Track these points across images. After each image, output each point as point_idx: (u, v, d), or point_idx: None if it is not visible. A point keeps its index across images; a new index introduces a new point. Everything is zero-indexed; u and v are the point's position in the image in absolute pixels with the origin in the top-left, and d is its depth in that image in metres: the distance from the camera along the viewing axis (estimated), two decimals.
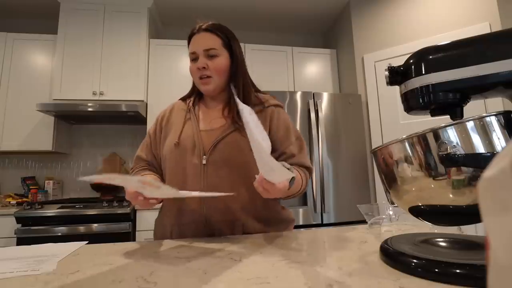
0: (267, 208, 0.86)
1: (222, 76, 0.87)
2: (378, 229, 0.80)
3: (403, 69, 0.57)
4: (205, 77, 0.85)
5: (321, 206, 2.20)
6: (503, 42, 0.49)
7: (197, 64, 0.84)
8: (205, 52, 0.84)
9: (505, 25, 1.93)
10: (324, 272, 0.47)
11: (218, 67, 0.85)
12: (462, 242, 0.53)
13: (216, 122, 0.88)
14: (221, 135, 0.83)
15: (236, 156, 0.82)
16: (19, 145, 2.35)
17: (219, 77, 0.86)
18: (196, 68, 0.85)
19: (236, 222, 0.81)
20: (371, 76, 2.52)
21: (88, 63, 2.45)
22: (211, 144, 0.82)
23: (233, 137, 0.83)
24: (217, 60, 0.85)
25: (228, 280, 0.45)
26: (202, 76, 0.85)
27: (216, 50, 0.85)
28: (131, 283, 0.45)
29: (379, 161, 0.54)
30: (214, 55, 0.85)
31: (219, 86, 0.88)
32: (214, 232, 0.80)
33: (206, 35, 0.85)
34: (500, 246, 0.16)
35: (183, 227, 0.82)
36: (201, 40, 0.85)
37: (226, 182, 0.80)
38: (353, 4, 2.71)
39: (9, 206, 2.18)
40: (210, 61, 0.84)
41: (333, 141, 2.32)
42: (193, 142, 0.84)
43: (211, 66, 0.84)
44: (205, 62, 0.84)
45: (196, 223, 0.81)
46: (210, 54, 0.84)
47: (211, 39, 0.85)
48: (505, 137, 0.43)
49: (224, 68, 0.86)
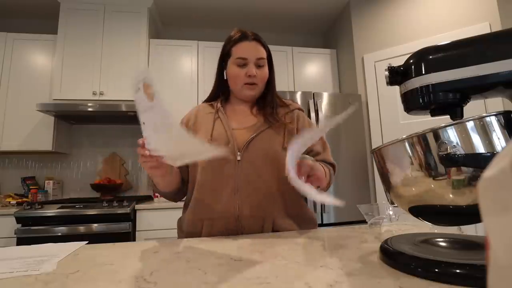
0: (296, 205, 0.89)
1: (264, 85, 0.94)
2: (378, 229, 0.80)
3: (403, 69, 0.57)
4: (251, 84, 0.90)
5: (321, 206, 2.21)
6: (503, 42, 0.49)
7: (248, 71, 0.89)
8: (256, 61, 0.90)
9: (505, 25, 1.93)
10: (324, 272, 0.47)
11: (264, 77, 0.92)
12: (462, 242, 0.53)
13: (247, 120, 0.93)
14: (256, 132, 0.88)
15: (270, 152, 0.86)
16: (19, 145, 2.35)
17: (262, 86, 0.94)
18: (246, 75, 0.89)
19: (267, 218, 0.83)
20: (371, 76, 2.52)
21: (88, 63, 2.45)
22: (246, 141, 0.86)
23: (267, 134, 0.88)
24: (264, 70, 0.92)
25: (228, 280, 0.45)
26: (250, 83, 0.90)
27: (264, 60, 0.92)
28: (131, 283, 0.45)
29: (379, 161, 0.54)
30: (262, 65, 0.91)
31: (260, 93, 0.95)
32: (244, 228, 0.82)
33: (258, 44, 0.91)
34: (500, 246, 0.16)
35: (215, 221, 0.83)
36: (254, 49, 0.90)
37: (260, 178, 0.84)
38: (353, 4, 2.71)
39: (9, 206, 2.18)
40: (259, 70, 0.90)
41: (333, 141, 2.32)
42: (226, 139, 0.87)
43: (259, 75, 0.90)
44: (255, 70, 0.89)
45: (227, 218, 0.82)
46: (259, 64, 0.91)
47: (261, 50, 0.91)
48: (505, 137, 0.43)
49: (267, 78, 0.94)
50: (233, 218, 0.82)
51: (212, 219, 0.83)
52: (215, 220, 0.83)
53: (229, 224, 0.82)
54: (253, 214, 0.82)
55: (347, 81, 2.82)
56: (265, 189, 0.84)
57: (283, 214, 0.85)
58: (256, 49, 0.91)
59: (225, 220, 0.82)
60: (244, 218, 0.82)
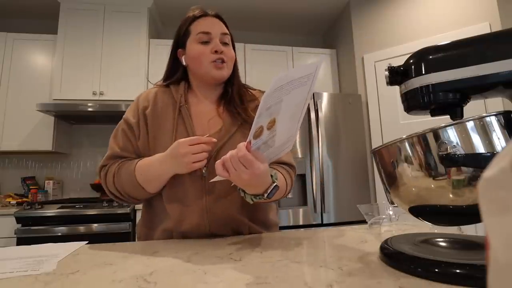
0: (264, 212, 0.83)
1: (231, 66, 0.81)
2: (378, 229, 0.80)
3: (403, 69, 0.57)
4: (220, 61, 0.77)
5: (321, 206, 2.21)
6: (503, 42, 0.49)
7: (215, 46, 0.76)
8: (221, 36, 0.78)
9: (505, 25, 1.93)
10: (324, 272, 0.47)
11: (232, 56, 0.81)
12: (462, 242, 0.53)
13: (213, 123, 0.79)
14: (223, 139, 0.75)
15: None
16: (19, 145, 2.35)
17: (231, 66, 0.81)
18: (212, 51, 0.76)
19: (240, 228, 0.78)
20: (371, 76, 2.52)
21: (88, 63, 2.45)
22: (211, 154, 0.72)
23: (234, 141, 0.73)
24: (231, 49, 0.81)
25: (228, 280, 0.45)
26: (218, 60, 0.77)
27: (229, 37, 0.81)
28: (131, 283, 0.45)
29: (379, 161, 0.54)
30: (228, 43, 0.80)
31: (228, 74, 0.81)
32: None
33: (220, 22, 0.81)
34: (500, 246, 0.16)
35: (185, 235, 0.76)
36: (216, 24, 0.79)
37: (231, 195, 0.74)
38: (353, 4, 2.71)
39: (9, 206, 2.18)
40: (225, 48, 0.79)
41: (333, 141, 2.32)
42: None
43: (227, 53, 0.78)
44: (221, 46, 0.77)
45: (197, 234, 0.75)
46: (225, 40, 0.79)
47: (225, 27, 0.81)
48: (505, 137, 0.43)
49: (234, 59, 0.81)
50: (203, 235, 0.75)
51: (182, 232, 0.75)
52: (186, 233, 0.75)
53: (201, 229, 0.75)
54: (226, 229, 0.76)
55: (347, 81, 2.82)
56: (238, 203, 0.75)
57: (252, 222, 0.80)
58: (219, 24, 0.80)
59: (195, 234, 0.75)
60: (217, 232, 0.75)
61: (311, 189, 2.22)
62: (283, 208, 2.17)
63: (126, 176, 0.74)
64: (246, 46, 2.82)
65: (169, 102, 0.81)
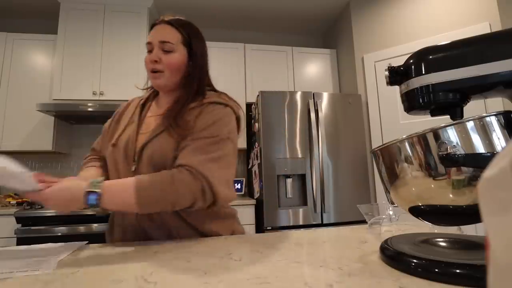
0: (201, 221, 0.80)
1: (175, 73, 0.81)
2: (378, 229, 0.80)
3: (403, 69, 0.57)
4: (156, 71, 0.79)
5: (321, 206, 2.20)
6: (503, 42, 0.49)
7: (150, 56, 0.79)
8: (160, 44, 0.79)
9: (505, 25, 1.93)
10: (324, 272, 0.47)
11: (172, 63, 0.79)
12: (462, 242, 0.53)
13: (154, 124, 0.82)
14: (149, 137, 0.77)
15: (159, 161, 0.74)
16: (19, 145, 2.35)
17: (171, 74, 0.80)
18: (149, 60, 0.80)
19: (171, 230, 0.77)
20: (371, 76, 2.52)
21: (88, 63, 2.45)
22: (138, 150, 0.76)
23: (161, 138, 0.76)
24: (171, 56, 0.79)
25: (228, 280, 0.45)
26: (154, 70, 0.79)
27: (172, 45, 0.79)
28: (131, 283, 0.45)
29: (379, 161, 0.54)
30: (169, 50, 0.79)
31: (171, 82, 0.82)
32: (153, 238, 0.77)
33: (166, 27, 0.81)
34: (500, 246, 0.16)
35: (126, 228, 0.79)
36: (159, 32, 0.80)
37: None
38: (353, 4, 2.71)
39: (9, 206, 2.18)
40: (165, 56, 0.79)
41: (333, 141, 2.32)
42: (126, 145, 0.78)
43: (164, 61, 0.79)
44: (158, 55, 0.79)
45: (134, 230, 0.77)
46: (165, 48, 0.79)
47: (170, 33, 0.80)
48: (505, 137, 0.43)
49: (178, 66, 0.80)
50: (140, 230, 0.77)
51: (122, 225, 0.79)
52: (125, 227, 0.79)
53: (138, 233, 0.77)
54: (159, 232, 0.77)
55: (347, 81, 2.82)
56: None
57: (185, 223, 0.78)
58: (162, 31, 0.80)
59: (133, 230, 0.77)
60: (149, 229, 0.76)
61: (311, 189, 2.22)
62: (283, 208, 2.17)
63: None
64: (246, 46, 2.82)
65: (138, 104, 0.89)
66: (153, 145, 0.75)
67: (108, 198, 0.64)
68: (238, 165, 2.97)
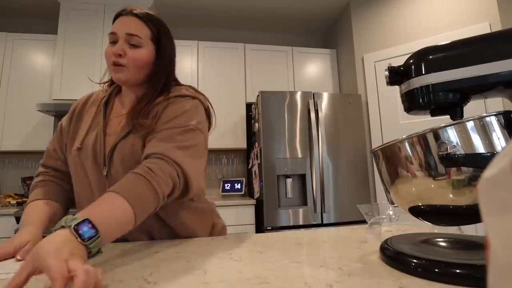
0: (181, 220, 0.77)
1: (140, 70, 0.75)
2: (378, 229, 0.80)
3: (403, 69, 0.57)
4: (118, 65, 0.73)
5: (321, 206, 2.20)
6: (503, 42, 0.49)
7: (114, 49, 0.73)
8: (127, 37, 0.73)
9: (505, 25, 1.93)
10: (324, 272, 0.47)
11: (137, 59, 0.74)
12: (462, 242, 0.53)
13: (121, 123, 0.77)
14: (117, 138, 0.72)
15: (131, 162, 0.69)
16: (19, 145, 2.35)
17: (135, 70, 0.75)
18: (111, 52, 0.73)
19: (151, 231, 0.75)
20: (371, 76, 2.52)
21: (88, 63, 2.45)
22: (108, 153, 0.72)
23: (130, 139, 0.72)
24: (138, 51, 0.74)
25: (228, 280, 0.45)
26: (116, 63, 0.73)
27: (140, 39, 0.74)
28: (131, 283, 0.45)
29: (379, 161, 0.54)
30: (136, 44, 0.74)
31: (134, 78, 0.76)
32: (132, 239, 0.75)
33: (134, 20, 0.75)
34: (500, 246, 0.16)
35: None
36: (126, 24, 0.74)
37: None
38: (353, 4, 2.71)
39: (9, 206, 2.18)
40: (130, 50, 0.73)
41: (333, 141, 2.32)
42: (94, 149, 0.73)
43: (130, 56, 0.73)
44: (123, 48, 0.73)
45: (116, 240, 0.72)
46: (132, 42, 0.74)
47: (138, 27, 0.75)
48: (505, 137, 0.43)
49: (144, 62, 0.75)
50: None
51: None
52: None
53: None
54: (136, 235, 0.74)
55: (347, 81, 2.82)
56: None
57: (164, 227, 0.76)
58: (129, 23, 0.74)
59: None
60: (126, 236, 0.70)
61: (311, 189, 2.22)
62: (283, 208, 2.17)
63: None
64: (246, 46, 2.82)
65: (98, 100, 0.83)
66: (122, 146, 0.71)
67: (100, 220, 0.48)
68: (238, 165, 2.97)
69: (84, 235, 0.44)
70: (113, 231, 0.50)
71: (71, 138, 0.78)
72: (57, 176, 0.80)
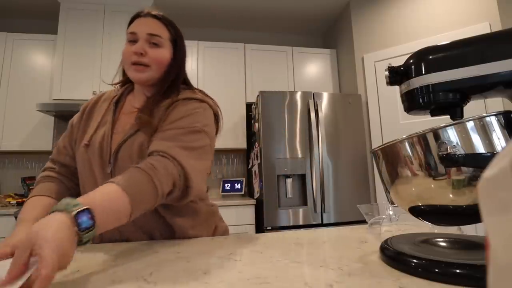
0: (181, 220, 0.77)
1: (160, 69, 0.77)
2: (378, 229, 0.80)
3: (403, 69, 0.57)
4: (140, 64, 0.74)
5: (321, 206, 2.20)
6: (503, 42, 0.49)
7: (135, 48, 0.73)
8: (148, 37, 0.75)
9: (505, 25, 1.93)
10: (324, 272, 0.47)
11: (159, 58, 0.75)
12: (462, 242, 0.53)
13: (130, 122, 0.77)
14: (125, 137, 0.73)
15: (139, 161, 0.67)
16: (19, 145, 2.35)
17: (157, 69, 0.76)
18: (132, 52, 0.73)
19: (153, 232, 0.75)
20: (371, 76, 2.52)
21: (88, 63, 2.46)
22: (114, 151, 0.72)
23: (137, 138, 0.72)
24: (160, 50, 0.76)
25: (228, 280, 0.45)
26: (138, 62, 0.74)
27: (161, 39, 0.76)
28: (131, 283, 0.45)
29: (379, 161, 0.54)
30: (157, 43, 0.75)
31: (154, 78, 0.77)
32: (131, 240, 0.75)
33: (154, 21, 0.77)
34: (500, 246, 0.16)
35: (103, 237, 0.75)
36: (147, 24, 0.76)
37: None
38: (353, 4, 2.71)
39: (9, 206, 2.18)
40: (152, 50, 0.75)
41: (333, 141, 2.32)
42: (100, 146, 0.74)
43: (151, 55, 0.74)
44: (143, 48, 0.74)
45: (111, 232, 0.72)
46: (153, 41, 0.75)
47: (159, 28, 0.77)
48: (505, 137, 0.43)
49: (165, 62, 0.77)
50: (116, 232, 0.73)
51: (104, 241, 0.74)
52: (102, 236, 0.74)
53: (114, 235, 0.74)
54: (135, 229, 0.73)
55: (347, 81, 2.82)
56: None
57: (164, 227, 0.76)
58: (150, 24, 0.76)
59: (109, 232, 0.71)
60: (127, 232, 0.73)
61: (311, 189, 2.22)
62: (283, 208, 2.17)
63: None
64: (246, 46, 2.82)
65: (109, 99, 0.84)
66: (128, 145, 0.72)
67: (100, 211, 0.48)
68: (238, 165, 2.97)
69: (82, 225, 0.45)
70: (108, 223, 0.51)
71: (80, 135, 0.80)
72: (62, 173, 0.81)
